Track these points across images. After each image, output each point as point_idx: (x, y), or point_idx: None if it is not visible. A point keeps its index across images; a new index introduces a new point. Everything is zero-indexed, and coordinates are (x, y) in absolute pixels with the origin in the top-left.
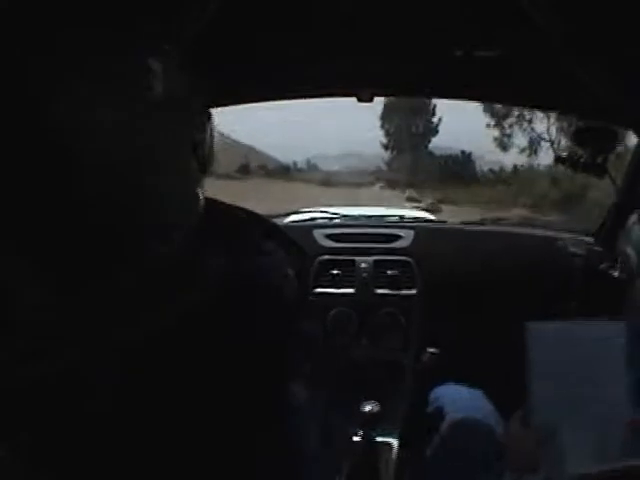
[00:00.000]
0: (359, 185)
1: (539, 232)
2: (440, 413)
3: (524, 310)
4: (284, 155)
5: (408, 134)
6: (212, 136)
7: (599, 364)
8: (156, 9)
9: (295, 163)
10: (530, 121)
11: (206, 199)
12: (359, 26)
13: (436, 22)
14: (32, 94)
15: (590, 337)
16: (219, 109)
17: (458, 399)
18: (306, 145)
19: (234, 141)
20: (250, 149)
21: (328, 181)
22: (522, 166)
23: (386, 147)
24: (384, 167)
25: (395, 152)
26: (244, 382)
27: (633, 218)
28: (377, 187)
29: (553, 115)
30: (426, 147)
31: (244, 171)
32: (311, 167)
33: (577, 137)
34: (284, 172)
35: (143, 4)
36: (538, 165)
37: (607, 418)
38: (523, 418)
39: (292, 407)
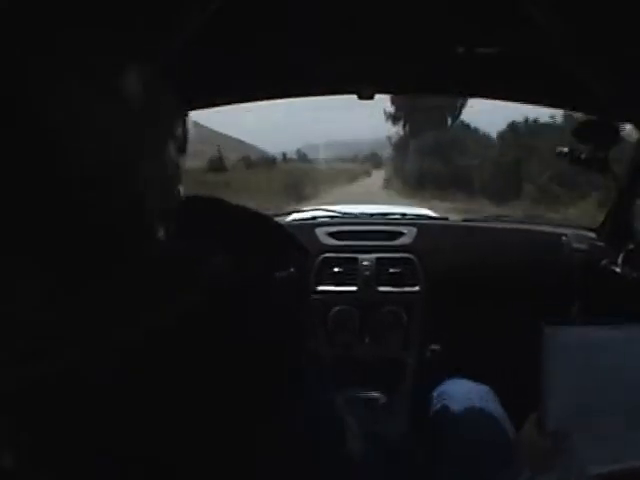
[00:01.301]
0: (354, 178)
1: (542, 228)
2: (445, 409)
3: (527, 306)
4: (272, 146)
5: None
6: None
7: (619, 368)
8: (155, 11)
9: (284, 154)
10: None
11: (209, 198)
12: (359, 26)
13: (436, 20)
14: (31, 94)
15: (610, 341)
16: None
17: (464, 393)
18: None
19: (218, 134)
20: (239, 142)
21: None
22: None
23: (394, 118)
24: (388, 153)
25: (408, 126)
26: (244, 382)
27: None
28: (377, 178)
29: None
30: (456, 118)
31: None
32: (301, 157)
33: (578, 132)
34: (269, 164)
35: (142, 6)
36: None
37: (625, 423)
38: (538, 422)
39: (293, 406)
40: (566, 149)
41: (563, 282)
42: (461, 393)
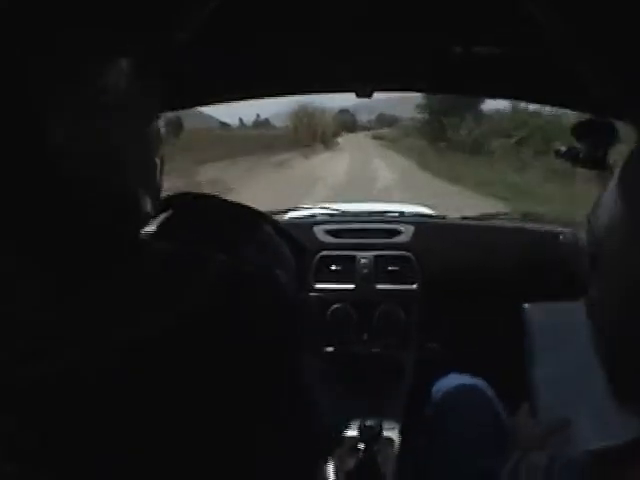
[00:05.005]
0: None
1: (539, 226)
2: (443, 403)
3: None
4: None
5: None
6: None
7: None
8: (154, 11)
9: (241, 120)
10: None
11: (210, 198)
12: (359, 25)
13: (435, 19)
14: (31, 94)
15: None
16: None
17: (461, 387)
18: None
19: None
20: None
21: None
22: None
23: None
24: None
25: None
26: (244, 381)
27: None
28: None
29: None
30: None
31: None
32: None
33: (576, 131)
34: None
35: (141, 6)
36: None
37: (609, 398)
38: (530, 409)
39: (293, 406)
40: (564, 147)
41: (561, 279)
42: (458, 387)
